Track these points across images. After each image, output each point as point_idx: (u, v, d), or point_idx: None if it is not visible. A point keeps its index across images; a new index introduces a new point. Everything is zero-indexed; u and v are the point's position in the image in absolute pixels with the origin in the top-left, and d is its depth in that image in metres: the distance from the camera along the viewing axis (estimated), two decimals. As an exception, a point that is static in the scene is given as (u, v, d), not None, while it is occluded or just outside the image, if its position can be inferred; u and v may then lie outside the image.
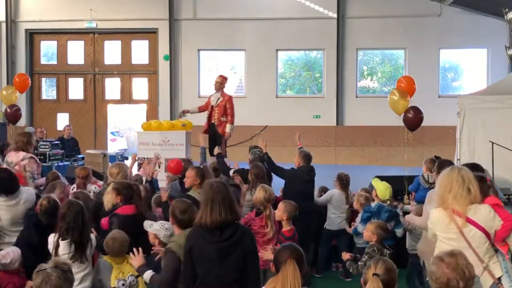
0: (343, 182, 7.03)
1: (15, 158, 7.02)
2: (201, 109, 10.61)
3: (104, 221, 5.04)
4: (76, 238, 4.30)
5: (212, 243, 3.58)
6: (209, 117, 10.23)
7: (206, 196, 3.71)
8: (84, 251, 4.34)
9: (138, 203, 5.13)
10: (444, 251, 2.90)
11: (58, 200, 5.10)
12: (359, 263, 4.87)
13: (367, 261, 4.79)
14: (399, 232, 5.97)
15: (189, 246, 3.64)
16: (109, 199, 5.27)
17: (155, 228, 4.36)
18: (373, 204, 5.98)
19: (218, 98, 10.14)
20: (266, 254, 4.11)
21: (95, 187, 6.46)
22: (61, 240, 4.31)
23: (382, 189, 5.98)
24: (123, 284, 4.29)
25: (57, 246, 4.31)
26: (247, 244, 3.67)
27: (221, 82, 10.19)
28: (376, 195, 6.02)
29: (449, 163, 5.46)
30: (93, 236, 4.59)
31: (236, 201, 3.87)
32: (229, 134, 10.11)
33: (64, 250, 4.29)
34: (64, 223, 4.34)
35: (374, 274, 2.96)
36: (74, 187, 6.46)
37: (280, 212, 5.31)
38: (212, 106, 10.15)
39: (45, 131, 13.40)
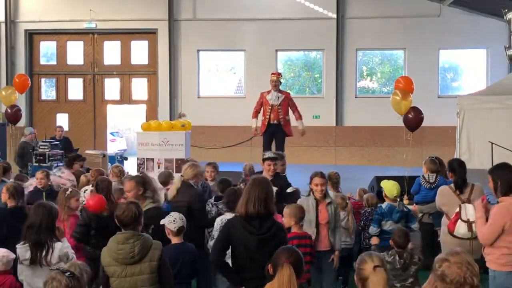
0: (333, 181, 6.90)
1: (66, 175, 7.18)
2: (256, 116, 10.20)
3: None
4: (32, 241, 4.21)
5: (252, 234, 3.95)
6: (267, 117, 9.86)
7: (246, 188, 4.14)
8: (43, 255, 4.19)
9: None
10: (445, 252, 2.89)
11: None
12: None
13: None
14: (414, 226, 6.02)
15: (228, 228, 4.10)
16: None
17: (164, 221, 4.70)
18: (383, 205, 5.96)
19: (279, 97, 9.85)
20: None
21: None
22: (22, 244, 4.25)
23: (389, 187, 5.98)
24: None
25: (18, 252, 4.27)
26: (282, 238, 4.03)
27: (278, 79, 9.90)
28: (386, 196, 5.99)
29: (460, 161, 5.73)
30: (58, 244, 4.38)
31: (272, 198, 4.13)
32: (304, 130, 10.14)
33: (22, 255, 4.24)
34: (28, 225, 4.31)
35: (376, 267, 2.90)
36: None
37: (287, 217, 5.17)
38: (272, 106, 9.81)
39: (36, 133, 13.35)
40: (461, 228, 5.24)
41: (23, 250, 4.24)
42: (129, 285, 3.83)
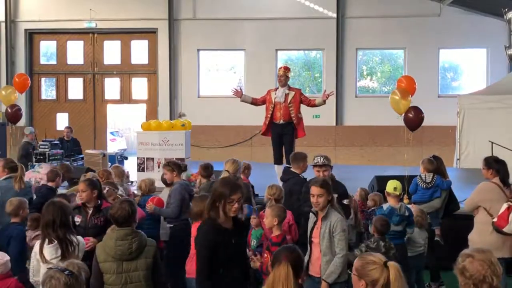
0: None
1: (44, 170, 7.22)
2: (254, 102, 9.40)
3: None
4: (55, 238, 4.25)
5: None
6: (271, 116, 8.97)
7: None
8: (71, 251, 4.25)
9: None
10: (471, 248, 2.88)
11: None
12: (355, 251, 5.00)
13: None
14: (409, 232, 5.97)
15: None
16: None
17: None
18: (384, 207, 5.90)
19: (287, 93, 8.85)
20: (254, 264, 4.29)
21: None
22: (47, 244, 4.25)
23: (388, 185, 5.96)
24: None
25: (41, 250, 4.25)
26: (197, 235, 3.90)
27: (285, 74, 8.92)
28: (388, 194, 5.96)
29: (497, 158, 5.86)
30: (80, 238, 4.50)
31: (213, 199, 3.83)
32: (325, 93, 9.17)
33: (50, 254, 4.24)
34: (44, 225, 4.33)
35: (386, 262, 2.81)
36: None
37: (269, 218, 4.85)
38: (275, 104, 8.88)
39: (36, 133, 13.39)
40: None
41: (51, 249, 4.24)
42: (124, 281, 3.90)
